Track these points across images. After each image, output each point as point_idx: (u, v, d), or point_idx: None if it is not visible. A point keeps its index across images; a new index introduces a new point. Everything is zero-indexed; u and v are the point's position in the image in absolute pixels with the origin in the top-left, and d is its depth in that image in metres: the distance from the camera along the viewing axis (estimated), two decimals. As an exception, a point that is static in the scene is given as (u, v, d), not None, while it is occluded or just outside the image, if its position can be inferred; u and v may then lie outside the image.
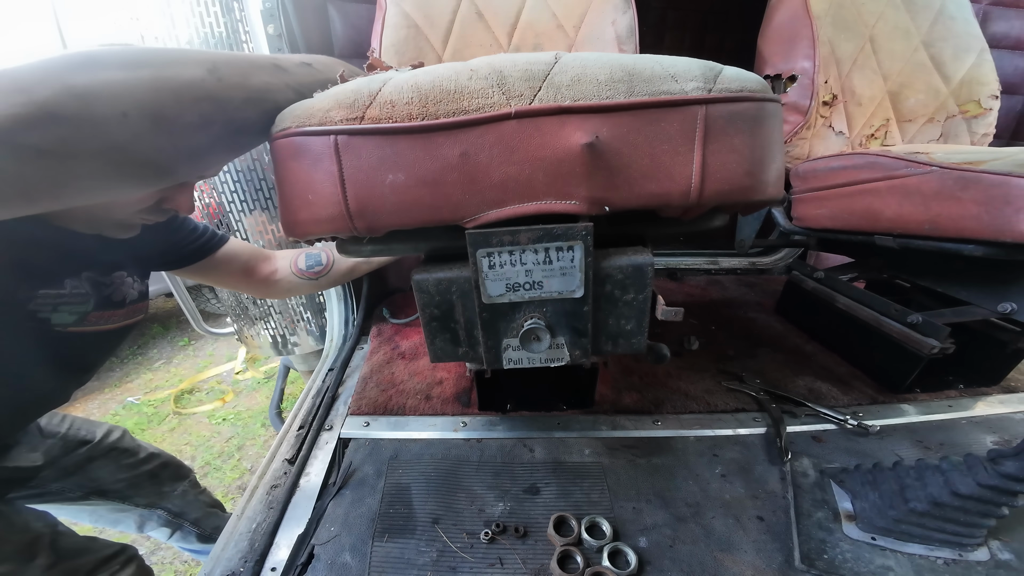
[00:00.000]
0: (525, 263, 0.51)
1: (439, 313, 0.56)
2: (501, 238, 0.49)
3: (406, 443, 0.89)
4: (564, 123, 0.44)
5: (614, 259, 0.53)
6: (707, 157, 0.45)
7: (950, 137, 1.20)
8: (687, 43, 2.03)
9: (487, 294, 0.53)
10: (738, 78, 0.46)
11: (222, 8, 1.07)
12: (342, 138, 0.45)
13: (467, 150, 0.44)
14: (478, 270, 0.51)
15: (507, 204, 0.47)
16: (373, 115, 0.44)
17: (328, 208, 0.47)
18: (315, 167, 0.46)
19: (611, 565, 0.64)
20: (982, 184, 0.71)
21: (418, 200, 0.46)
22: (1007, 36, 1.47)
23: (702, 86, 0.44)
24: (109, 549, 0.83)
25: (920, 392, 1.02)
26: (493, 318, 0.55)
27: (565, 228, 0.48)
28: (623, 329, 0.57)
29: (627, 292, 0.54)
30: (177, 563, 1.52)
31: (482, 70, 0.45)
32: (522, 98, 0.44)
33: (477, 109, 0.44)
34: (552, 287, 0.53)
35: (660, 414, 0.96)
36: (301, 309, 1.38)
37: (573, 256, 0.50)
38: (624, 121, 0.44)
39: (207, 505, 1.15)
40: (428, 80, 0.45)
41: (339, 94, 0.46)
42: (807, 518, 0.72)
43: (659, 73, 0.45)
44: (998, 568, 0.64)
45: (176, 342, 3.08)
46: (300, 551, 0.67)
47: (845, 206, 0.98)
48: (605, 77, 0.44)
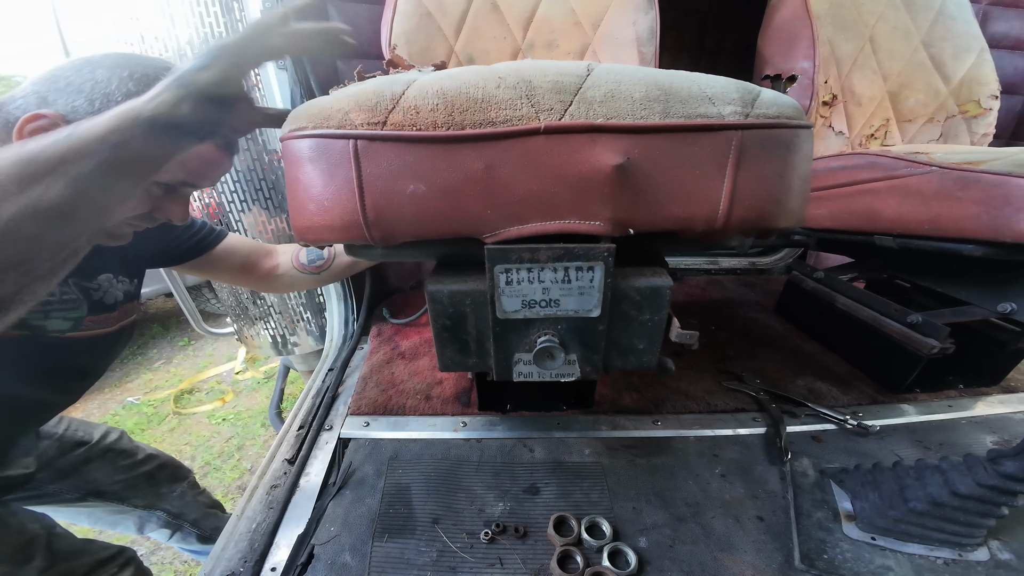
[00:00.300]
0: (543, 281, 0.50)
1: (451, 324, 0.55)
2: (520, 255, 0.48)
3: (406, 443, 0.89)
4: (595, 142, 0.42)
5: (632, 280, 0.52)
6: (738, 183, 0.44)
7: (950, 137, 1.20)
8: (687, 43, 2.03)
9: (502, 309, 0.52)
10: (776, 103, 0.45)
11: (222, 8, 1.07)
12: (362, 143, 0.43)
13: (491, 163, 0.43)
14: (495, 285, 0.50)
15: (529, 221, 0.45)
16: (396, 120, 0.43)
17: (344, 216, 0.45)
18: (332, 172, 0.44)
19: (611, 565, 0.64)
20: (982, 184, 0.71)
21: (438, 212, 0.45)
22: (1007, 36, 1.47)
23: (740, 111, 0.43)
24: (107, 551, 0.83)
25: (920, 392, 1.02)
26: (506, 332, 0.55)
27: (587, 249, 0.47)
28: (635, 348, 0.57)
29: (643, 313, 0.54)
30: (177, 563, 1.52)
31: (510, 78, 0.43)
32: (552, 112, 0.42)
33: (505, 121, 0.42)
34: (569, 306, 0.52)
35: (660, 414, 0.96)
36: (301, 309, 1.38)
37: (593, 276, 0.49)
38: (657, 143, 0.43)
39: (206, 506, 1.15)
40: (454, 86, 0.43)
41: (359, 95, 0.44)
42: (807, 518, 0.72)
43: (696, 94, 0.43)
44: (998, 568, 0.64)
45: (176, 342, 3.08)
46: (300, 551, 0.67)
47: (845, 206, 0.98)
48: (640, 95, 0.42)
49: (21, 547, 0.71)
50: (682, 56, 2.03)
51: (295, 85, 1.11)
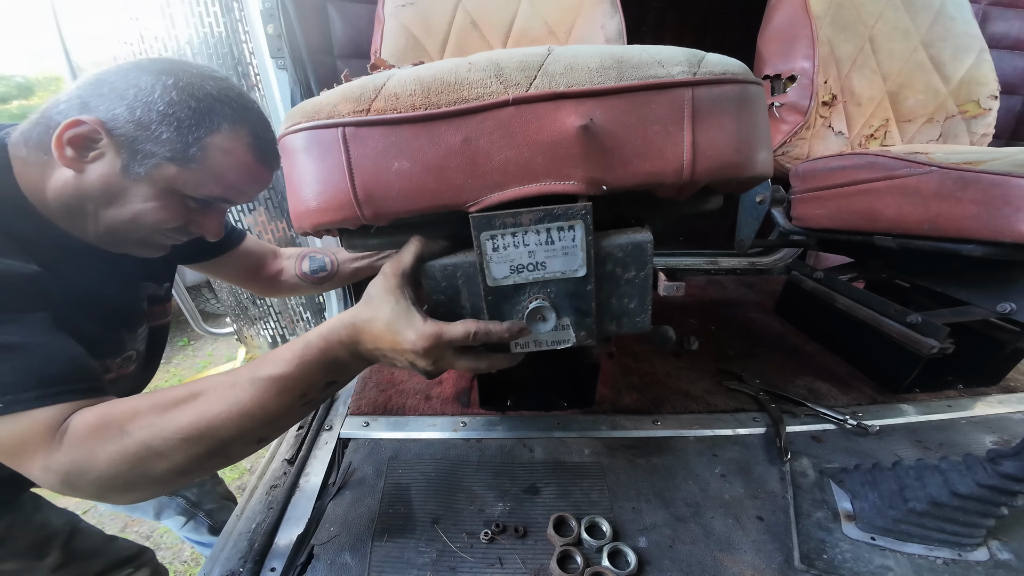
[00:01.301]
0: (528, 244, 0.52)
1: (445, 299, 0.58)
2: (504, 220, 0.50)
3: (406, 443, 0.89)
4: (559, 107, 0.46)
5: (614, 238, 0.55)
6: (696, 136, 0.47)
7: (949, 137, 1.20)
8: (687, 43, 2.00)
9: (492, 276, 0.54)
10: (720, 62, 0.48)
11: (222, 8, 1.07)
12: (349, 129, 0.47)
13: (468, 136, 0.47)
14: (482, 253, 0.52)
15: (508, 187, 0.49)
16: (379, 107, 0.46)
17: (337, 196, 0.49)
18: (324, 158, 0.48)
19: (611, 565, 0.64)
20: (981, 184, 0.71)
21: (423, 186, 0.48)
22: (1006, 36, 1.47)
23: (687, 70, 0.47)
24: (125, 551, 0.83)
25: (919, 392, 1.02)
26: (498, 301, 0.56)
27: (565, 208, 0.50)
28: (627, 308, 0.58)
29: (628, 270, 0.56)
30: (176, 564, 1.52)
31: (480, 63, 0.47)
32: (519, 86, 0.46)
33: (477, 98, 0.46)
34: (555, 267, 0.54)
35: (660, 414, 0.96)
36: (300, 309, 1.38)
37: (574, 235, 0.52)
38: (616, 104, 0.46)
39: (222, 497, 1.15)
40: (429, 73, 0.47)
41: (346, 90, 0.48)
42: (807, 518, 0.72)
43: (646, 60, 0.47)
44: (997, 568, 0.64)
45: (175, 342, 3.08)
46: (300, 551, 0.67)
47: (844, 206, 0.98)
48: (596, 65, 0.46)
49: (39, 543, 0.71)
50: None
51: (295, 85, 1.11)
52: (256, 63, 1.11)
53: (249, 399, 0.46)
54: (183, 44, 1.08)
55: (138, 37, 1.09)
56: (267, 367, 0.48)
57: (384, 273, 0.53)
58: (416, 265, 0.54)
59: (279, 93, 1.11)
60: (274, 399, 0.47)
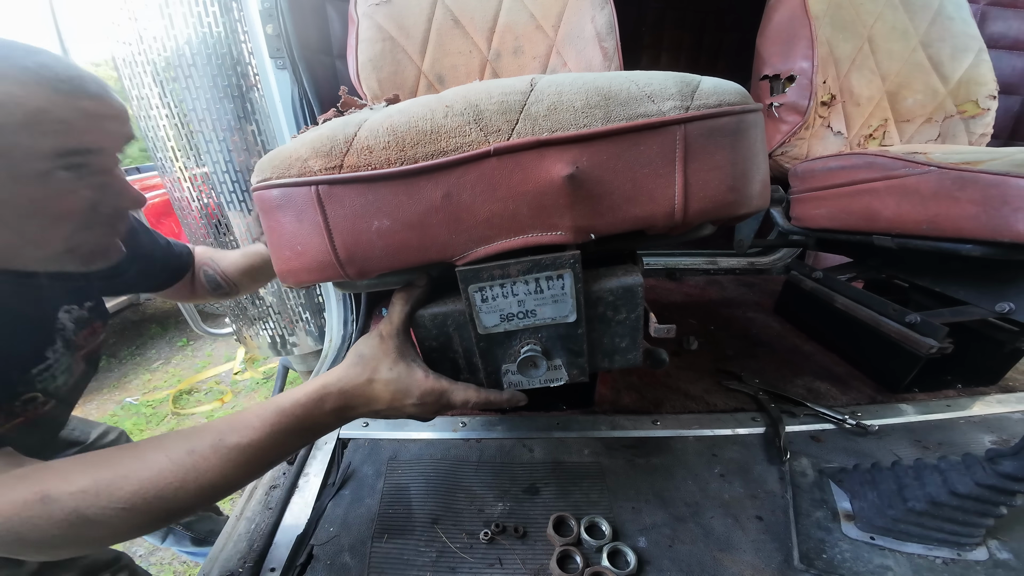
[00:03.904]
0: (517, 294, 0.51)
1: (437, 345, 0.57)
2: (491, 272, 0.49)
3: (405, 443, 0.89)
4: (543, 156, 0.43)
5: (604, 282, 0.53)
6: (689, 177, 0.44)
7: (948, 137, 1.20)
8: (686, 43, 2.03)
9: (482, 325, 0.53)
10: (716, 91, 0.45)
11: (221, 8, 1.07)
12: (323, 188, 0.44)
13: (449, 191, 0.44)
14: (471, 304, 0.51)
15: (494, 240, 0.47)
16: (352, 163, 0.44)
17: (318, 257, 0.47)
18: (300, 218, 0.46)
19: (610, 565, 0.64)
20: (980, 184, 0.71)
21: (406, 243, 0.46)
22: (1005, 36, 1.47)
23: (679, 104, 0.44)
24: (102, 556, 0.83)
25: (918, 392, 1.02)
26: (491, 346, 0.56)
27: (553, 258, 0.48)
28: (618, 347, 0.58)
29: (619, 312, 0.55)
30: (176, 564, 1.52)
31: (457, 105, 0.44)
32: (500, 133, 0.43)
33: (456, 149, 0.43)
34: (545, 314, 0.53)
35: (659, 414, 0.96)
36: (300, 309, 1.38)
37: (563, 284, 0.50)
38: (603, 148, 0.43)
39: None
40: (404, 121, 0.44)
41: (315, 142, 0.45)
42: (806, 518, 0.72)
43: (635, 94, 0.44)
44: (996, 567, 0.64)
45: (174, 342, 3.07)
46: (299, 551, 0.67)
47: (843, 206, 0.98)
48: (581, 103, 0.43)
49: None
50: (681, 56, 2.03)
51: (295, 85, 1.11)
52: (255, 63, 1.11)
53: (209, 469, 0.43)
54: (182, 44, 1.08)
55: (136, 37, 1.09)
56: (233, 435, 0.44)
57: (379, 335, 0.52)
58: (407, 320, 0.54)
59: (278, 93, 1.11)
60: (239, 469, 0.44)
